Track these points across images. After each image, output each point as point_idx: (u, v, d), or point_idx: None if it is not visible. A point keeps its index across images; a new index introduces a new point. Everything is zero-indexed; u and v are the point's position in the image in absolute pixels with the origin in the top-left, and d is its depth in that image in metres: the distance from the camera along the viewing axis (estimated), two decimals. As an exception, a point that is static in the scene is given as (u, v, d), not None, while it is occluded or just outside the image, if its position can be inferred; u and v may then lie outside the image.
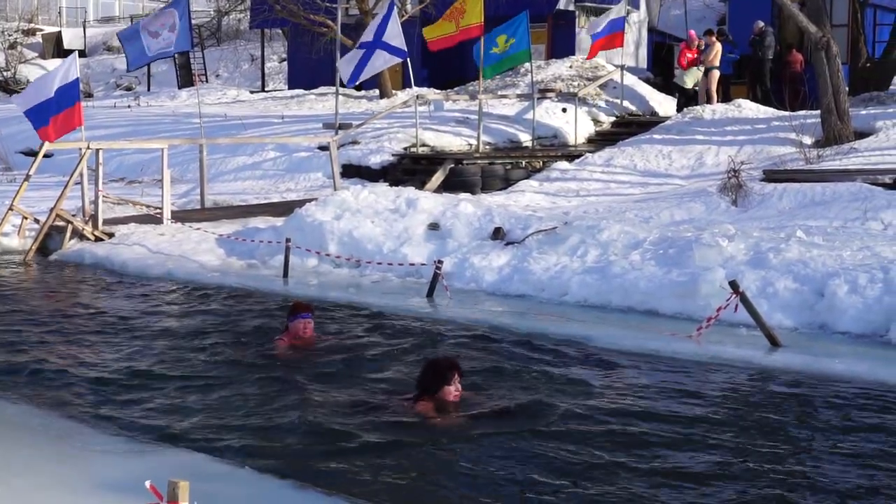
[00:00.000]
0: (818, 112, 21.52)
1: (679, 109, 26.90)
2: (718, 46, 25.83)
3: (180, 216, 18.66)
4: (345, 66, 22.85)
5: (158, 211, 18.47)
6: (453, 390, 7.96)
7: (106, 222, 17.78)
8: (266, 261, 15.58)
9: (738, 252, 12.67)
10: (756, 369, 9.64)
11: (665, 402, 8.43)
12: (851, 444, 7.38)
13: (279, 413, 8.04)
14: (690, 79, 26.35)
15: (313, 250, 15.35)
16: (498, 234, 14.74)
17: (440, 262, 13.30)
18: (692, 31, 28.06)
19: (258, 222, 17.54)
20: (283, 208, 18.60)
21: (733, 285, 10.62)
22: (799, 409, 8.24)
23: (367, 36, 22.83)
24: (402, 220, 15.60)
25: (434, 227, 15.33)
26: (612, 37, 26.70)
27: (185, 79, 42.94)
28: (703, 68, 25.91)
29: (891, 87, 27.92)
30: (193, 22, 31.17)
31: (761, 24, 26.48)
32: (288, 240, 14.94)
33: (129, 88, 46.38)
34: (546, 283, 13.25)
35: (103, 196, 18.00)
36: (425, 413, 7.91)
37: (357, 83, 23.84)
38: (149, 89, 44.46)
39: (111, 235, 17.36)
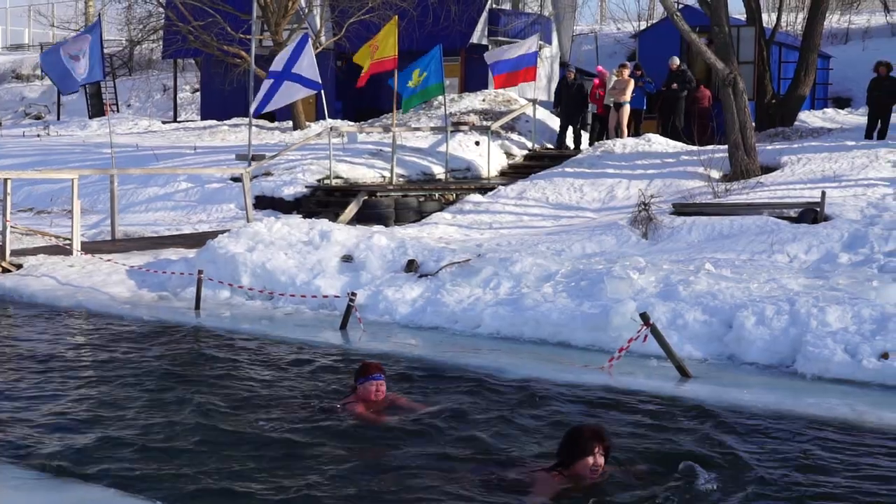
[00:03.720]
0: (726, 147, 21.92)
1: (590, 139, 27.31)
2: (631, 82, 26.22)
3: (90, 247, 18.43)
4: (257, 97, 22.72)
5: (68, 242, 18.22)
6: (591, 463, 6.93)
7: (14, 253, 17.50)
8: (178, 293, 15.45)
9: (648, 284, 12.85)
10: (666, 400, 9.74)
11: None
12: (757, 472, 7.49)
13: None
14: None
15: (226, 282, 15.27)
16: (411, 266, 14.79)
17: (354, 294, 13.29)
18: (600, 67, 28.44)
19: (170, 254, 17.39)
20: (196, 240, 18.48)
21: (644, 317, 10.76)
22: (707, 439, 8.34)
23: (277, 66, 22.72)
24: (315, 252, 15.57)
25: (347, 259, 15.33)
26: (524, 71, 26.96)
27: (97, 108, 42.54)
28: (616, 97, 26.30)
29: (796, 123, 28.55)
30: (105, 51, 30.91)
31: (678, 61, 26.93)
32: (200, 272, 14.83)
33: (38, 117, 45.80)
34: (459, 316, 13.31)
35: (11, 227, 17.72)
36: (551, 489, 6.91)
37: (262, 113, 23.73)
38: (59, 118, 43.93)
39: (19, 267, 17.08)
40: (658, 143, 24.91)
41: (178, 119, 42.01)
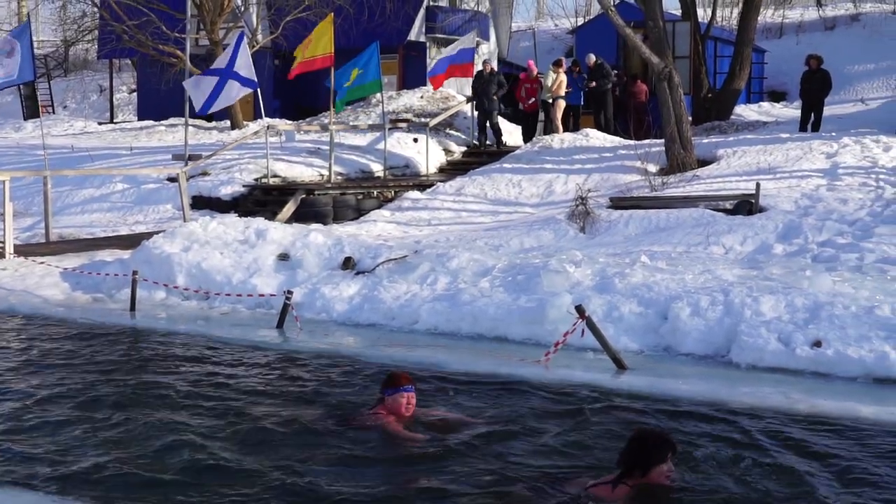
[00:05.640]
0: (662, 141, 22.05)
1: (525, 136, 27.31)
2: (563, 77, 26.30)
3: (24, 250, 18.18)
4: (195, 91, 22.49)
5: (0, 245, 17.96)
6: (666, 470, 6.75)
7: (-56, 257, 17.23)
8: (113, 294, 15.29)
9: (584, 277, 12.88)
10: (603, 392, 9.75)
11: (515, 426, 8.47)
12: (692, 462, 7.52)
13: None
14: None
15: (161, 283, 15.12)
16: (348, 263, 14.73)
17: (290, 292, 13.21)
18: (531, 62, 28.52)
19: (105, 255, 17.19)
20: (131, 241, 18.29)
21: (580, 310, 10.78)
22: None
23: (220, 63, 22.53)
24: (251, 250, 15.47)
25: (284, 257, 15.25)
26: (461, 67, 26.95)
27: (31, 110, 42.00)
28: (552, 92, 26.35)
29: (732, 117, 28.83)
30: (40, 52, 30.57)
31: (593, 57, 27.09)
32: (135, 272, 14.67)
33: (-29, 120, 45.16)
34: (396, 312, 13.28)
35: (-59, 230, 17.45)
36: (628, 498, 6.68)
37: (209, 112, 23.55)
38: (-8, 121, 43.32)
39: (-50, 271, 16.82)
40: (596, 137, 25.01)
41: (114, 120, 41.61)
